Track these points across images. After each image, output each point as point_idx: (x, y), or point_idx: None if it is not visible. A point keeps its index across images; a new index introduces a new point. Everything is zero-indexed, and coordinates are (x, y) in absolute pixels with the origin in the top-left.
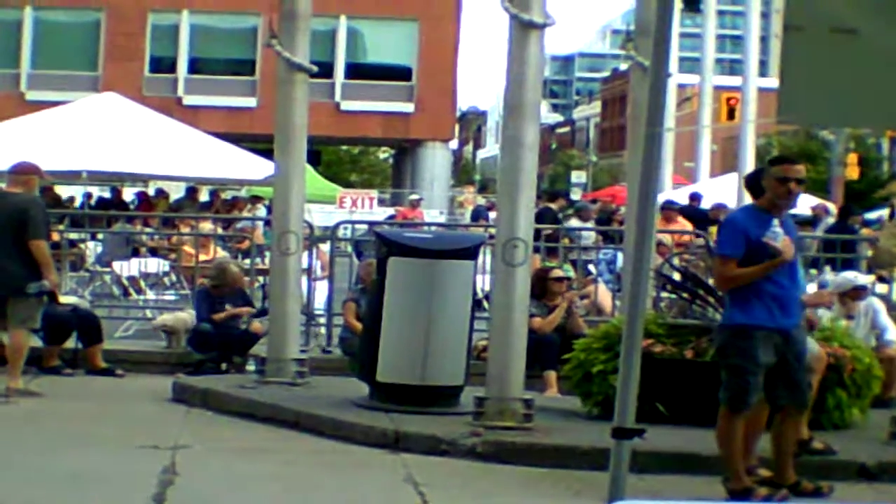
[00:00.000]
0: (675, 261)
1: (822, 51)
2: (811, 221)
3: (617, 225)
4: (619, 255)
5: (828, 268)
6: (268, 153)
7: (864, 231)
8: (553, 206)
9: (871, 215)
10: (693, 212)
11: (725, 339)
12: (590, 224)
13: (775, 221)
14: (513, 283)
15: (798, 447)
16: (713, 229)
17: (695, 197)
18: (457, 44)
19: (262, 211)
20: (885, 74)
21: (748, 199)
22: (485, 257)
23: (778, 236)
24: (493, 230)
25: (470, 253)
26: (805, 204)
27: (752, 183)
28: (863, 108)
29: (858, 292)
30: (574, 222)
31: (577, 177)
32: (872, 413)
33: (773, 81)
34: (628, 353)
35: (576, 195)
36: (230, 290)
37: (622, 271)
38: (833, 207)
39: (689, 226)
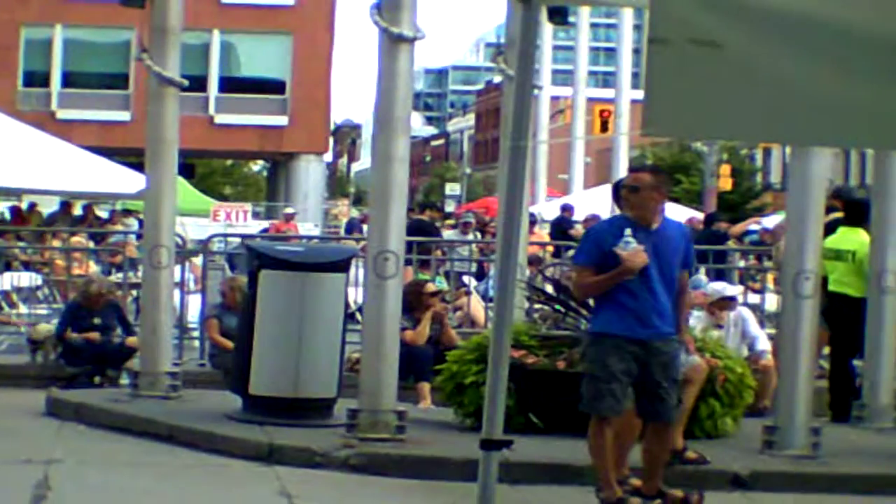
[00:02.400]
0: (548, 272)
1: (686, 63)
2: None
3: (490, 237)
4: None
5: (702, 268)
6: (141, 167)
7: (731, 243)
8: (424, 217)
9: (743, 226)
10: (567, 223)
11: (584, 347)
12: (469, 237)
13: (627, 231)
14: (384, 296)
15: (672, 456)
16: None
17: (566, 208)
18: (330, 57)
19: (135, 225)
20: (748, 87)
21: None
22: (357, 270)
23: (629, 245)
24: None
25: (341, 266)
26: (680, 216)
27: (615, 193)
28: (727, 121)
29: (727, 303)
30: (451, 234)
31: (452, 189)
32: (745, 422)
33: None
34: (495, 364)
35: (450, 207)
36: (101, 304)
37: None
38: (702, 216)
39: (546, 238)
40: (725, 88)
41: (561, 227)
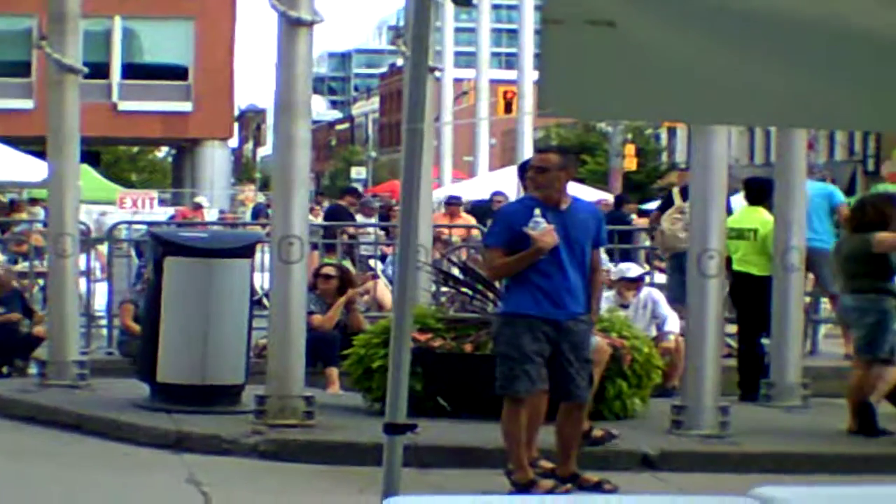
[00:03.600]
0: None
1: (581, 43)
2: None
3: (395, 220)
4: None
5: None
6: (45, 155)
7: (641, 221)
8: (343, 202)
9: (651, 205)
10: (478, 205)
11: (497, 328)
12: (374, 220)
13: (537, 211)
14: (289, 281)
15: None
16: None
17: (498, 194)
18: (233, 42)
19: (41, 213)
20: (644, 67)
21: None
22: (263, 255)
23: (539, 225)
24: None
25: (246, 251)
26: (587, 197)
27: (521, 173)
28: (624, 101)
29: (632, 283)
30: (359, 218)
31: (357, 173)
32: (655, 402)
33: None
34: (397, 347)
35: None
36: (2, 293)
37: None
38: (609, 198)
39: (472, 220)
40: (621, 68)
41: (482, 210)
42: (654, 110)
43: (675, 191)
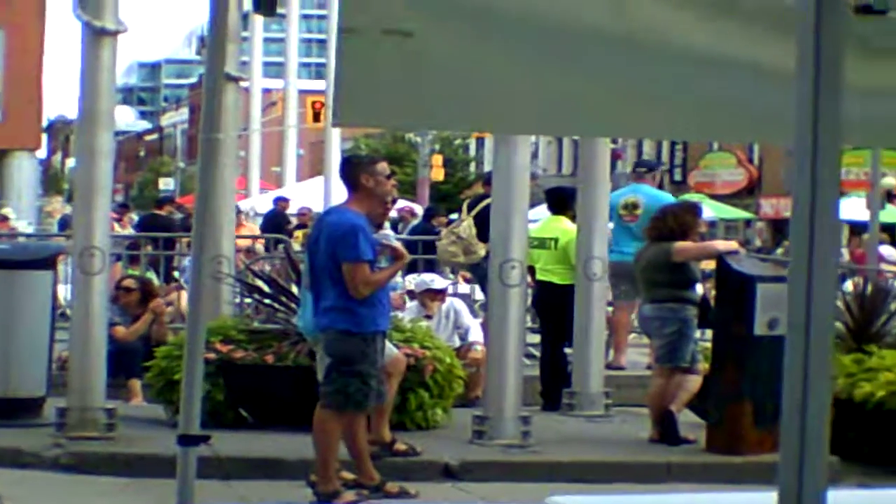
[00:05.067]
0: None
1: (378, 53)
2: (397, 223)
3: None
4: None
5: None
6: None
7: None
8: (162, 212)
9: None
10: (279, 217)
11: (354, 347)
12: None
13: (387, 224)
14: (90, 292)
15: (382, 449)
16: (299, 234)
17: (281, 200)
18: (42, 51)
19: None
20: (441, 77)
21: (334, 202)
22: (67, 267)
23: (389, 237)
24: None
25: (47, 263)
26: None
27: (354, 183)
28: (421, 110)
29: (436, 294)
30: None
31: (166, 184)
32: (456, 413)
33: None
34: (190, 359)
35: None
36: None
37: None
38: (419, 209)
39: (257, 231)
40: (418, 78)
41: (275, 220)
42: (451, 120)
43: (465, 204)
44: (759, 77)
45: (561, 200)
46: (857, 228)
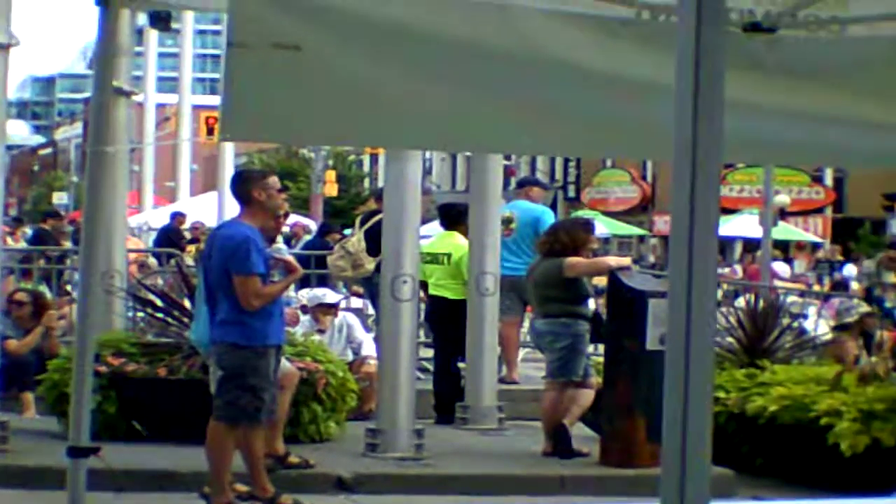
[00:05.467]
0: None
1: (266, 67)
2: (290, 238)
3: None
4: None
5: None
6: None
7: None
8: (46, 226)
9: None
10: (174, 232)
11: (245, 360)
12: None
13: (281, 238)
14: None
15: (276, 462)
16: (191, 248)
17: (177, 216)
18: None
19: None
20: (329, 91)
21: (228, 217)
22: None
23: (282, 251)
24: None
25: None
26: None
27: (246, 198)
28: (309, 125)
29: (328, 309)
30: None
31: (59, 198)
32: (350, 426)
33: None
34: (79, 372)
35: None
36: None
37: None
38: (313, 224)
39: (142, 246)
40: (307, 92)
41: (170, 235)
42: (341, 134)
43: (358, 219)
44: (646, 94)
45: (453, 216)
46: (750, 245)
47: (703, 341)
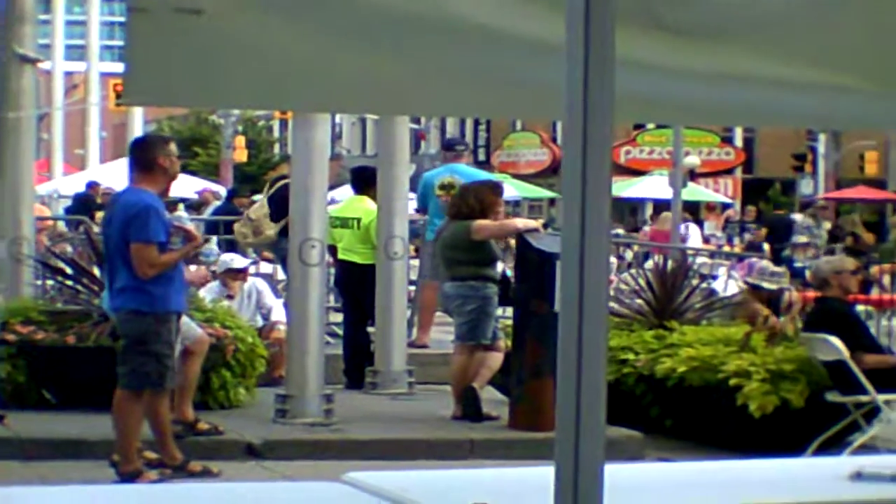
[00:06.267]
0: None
1: (168, 31)
2: (199, 205)
3: None
4: None
5: (214, 245)
6: None
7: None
8: None
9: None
10: (88, 200)
11: (147, 327)
12: None
13: (182, 206)
14: None
15: (185, 429)
16: (100, 214)
17: (93, 185)
18: None
19: None
20: (233, 55)
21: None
22: None
23: (185, 220)
24: None
25: None
26: (193, 187)
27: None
28: (213, 89)
29: (237, 274)
30: None
31: None
32: (260, 392)
33: None
34: None
35: None
36: None
37: None
38: (222, 190)
39: (47, 213)
40: (209, 55)
41: (84, 202)
42: (244, 98)
43: (268, 185)
44: (543, 53)
45: (364, 180)
46: (660, 206)
47: (597, 301)
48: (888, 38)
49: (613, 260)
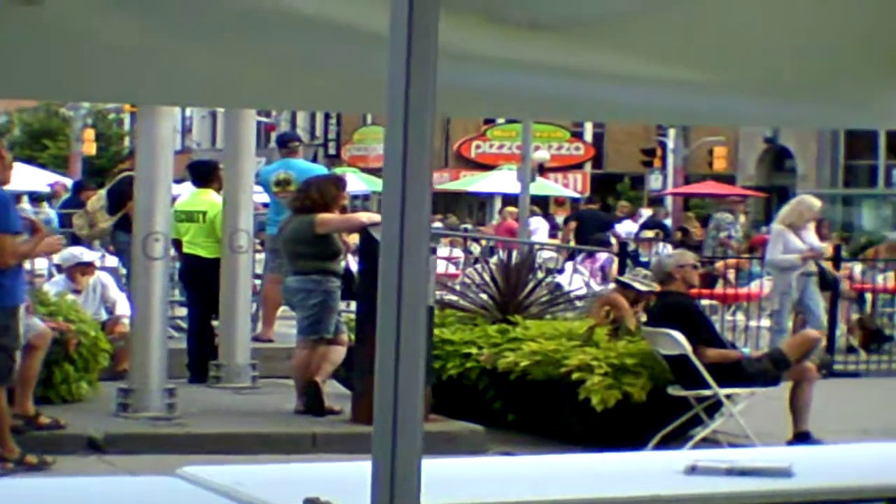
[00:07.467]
0: None
1: (6, 23)
2: (51, 197)
3: None
4: None
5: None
6: None
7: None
8: None
9: None
10: None
11: None
12: None
13: (26, 197)
14: None
15: (26, 423)
16: None
17: None
18: None
19: None
20: (69, 46)
21: None
22: None
23: (27, 211)
24: None
25: None
26: (44, 180)
27: None
28: (50, 80)
29: (85, 268)
30: None
31: None
32: (103, 386)
33: None
34: None
35: None
36: None
37: None
38: (70, 183)
39: None
40: (49, 48)
41: None
42: (83, 90)
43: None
44: (379, 47)
45: (204, 173)
46: (508, 201)
47: (415, 295)
48: (735, 34)
49: (461, 254)
